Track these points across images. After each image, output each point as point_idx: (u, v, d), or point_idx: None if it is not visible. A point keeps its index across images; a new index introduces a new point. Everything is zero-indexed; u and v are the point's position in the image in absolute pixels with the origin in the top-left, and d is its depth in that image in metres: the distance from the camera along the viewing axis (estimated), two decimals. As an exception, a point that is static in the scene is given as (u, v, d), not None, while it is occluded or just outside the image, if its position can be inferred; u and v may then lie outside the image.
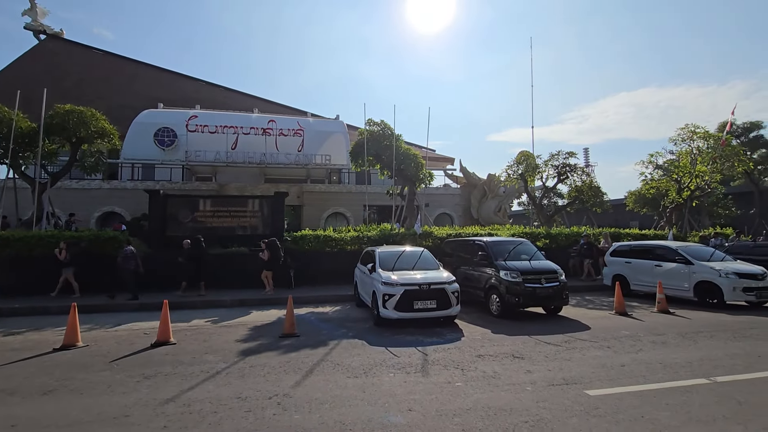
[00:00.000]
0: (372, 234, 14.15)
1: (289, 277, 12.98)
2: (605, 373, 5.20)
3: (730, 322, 8.30)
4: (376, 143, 16.75)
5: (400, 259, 8.96)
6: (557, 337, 7.15)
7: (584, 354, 6.10)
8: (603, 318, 8.89)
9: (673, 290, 10.74)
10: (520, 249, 9.90)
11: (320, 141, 24.73)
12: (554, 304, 9.16)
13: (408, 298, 7.87)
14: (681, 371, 5.23)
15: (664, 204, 20.73)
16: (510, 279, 8.85)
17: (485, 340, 7.09)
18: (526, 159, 19.66)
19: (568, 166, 19.20)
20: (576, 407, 4.18)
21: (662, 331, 7.47)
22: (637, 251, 12.37)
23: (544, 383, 4.89)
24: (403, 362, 5.81)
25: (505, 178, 21.14)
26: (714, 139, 19.90)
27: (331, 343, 6.94)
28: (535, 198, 21.04)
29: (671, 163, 21.52)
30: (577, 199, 20.00)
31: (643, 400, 4.34)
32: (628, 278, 12.11)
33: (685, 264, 10.76)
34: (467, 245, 11.12)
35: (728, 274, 9.85)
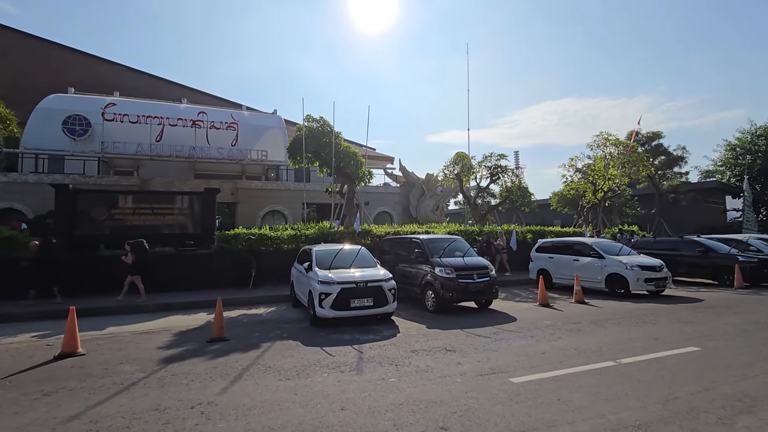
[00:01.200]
0: (310, 232, 13.87)
1: (250, 277, 12.42)
2: (528, 361, 5.54)
3: (634, 309, 9.28)
4: (315, 140, 16.43)
5: (337, 258, 8.86)
6: (487, 330, 7.50)
7: (510, 344, 6.46)
8: (528, 310, 9.50)
9: (589, 282, 11.79)
10: (454, 246, 10.26)
11: (256, 136, 23.75)
12: (485, 298, 9.62)
13: (345, 297, 7.82)
14: (592, 356, 5.73)
15: (582, 204, 22.72)
16: (445, 275, 9.14)
17: (420, 335, 7.25)
18: (462, 160, 20.47)
19: (500, 167, 20.31)
20: (501, 395, 4.40)
21: (578, 320, 8.15)
22: (559, 247, 13.41)
23: (473, 374, 5.09)
24: (337, 361, 5.74)
25: (443, 178, 21.87)
26: (623, 146, 22.17)
27: (264, 345, 6.67)
28: (469, 197, 21.99)
29: (588, 167, 23.63)
30: (508, 199, 21.23)
31: (559, 384, 4.68)
32: (550, 272, 13.09)
33: (598, 258, 11.85)
34: (405, 243, 11.30)
35: (633, 267, 11.01)
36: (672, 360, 5.51)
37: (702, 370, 5.05)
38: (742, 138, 32.89)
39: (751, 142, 32.16)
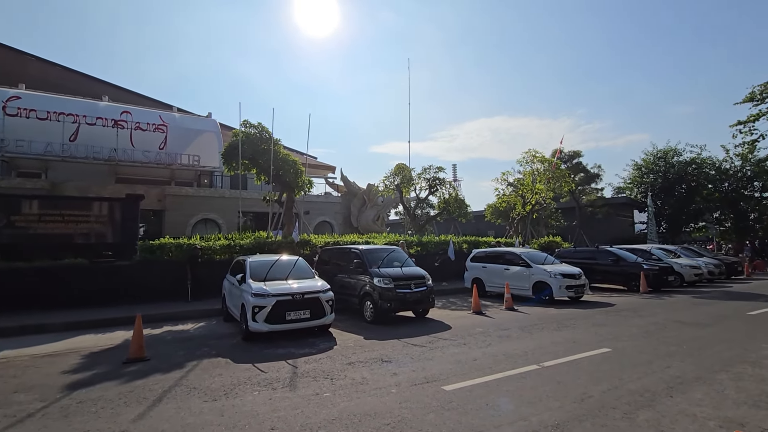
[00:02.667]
0: (245, 242, 13.29)
1: (186, 288, 11.53)
2: (460, 368, 5.71)
3: (557, 314, 9.99)
4: (252, 146, 15.87)
5: (273, 269, 8.56)
6: (423, 339, 7.64)
7: (444, 352, 6.63)
8: (462, 317, 9.85)
9: (518, 290, 12.51)
10: (392, 256, 10.38)
11: (188, 139, 22.39)
12: (422, 307, 9.82)
13: (280, 309, 7.55)
14: (519, 360, 6.06)
15: (513, 216, 24.19)
16: (383, 285, 9.20)
17: (357, 346, 7.20)
18: (402, 171, 20.91)
19: (438, 179, 21.04)
20: (434, 403, 4.48)
21: (508, 326, 8.60)
22: (491, 257, 14.12)
23: (407, 384, 5.14)
24: (270, 378, 5.50)
25: (384, 189, 22.17)
26: (548, 163, 24.04)
27: (189, 364, 6.22)
28: (409, 208, 22.47)
29: (518, 181, 25.28)
30: (445, 210, 22.00)
31: (489, 390, 4.87)
32: (484, 281, 13.71)
33: (526, 267, 12.64)
34: (344, 253, 11.23)
35: (556, 275, 11.89)
36: (587, 361, 5.99)
37: (612, 370, 5.54)
38: (646, 159, 37.15)
39: (653, 163, 36.44)
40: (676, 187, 34.81)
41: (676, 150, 36.19)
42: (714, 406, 4.25)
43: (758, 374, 5.25)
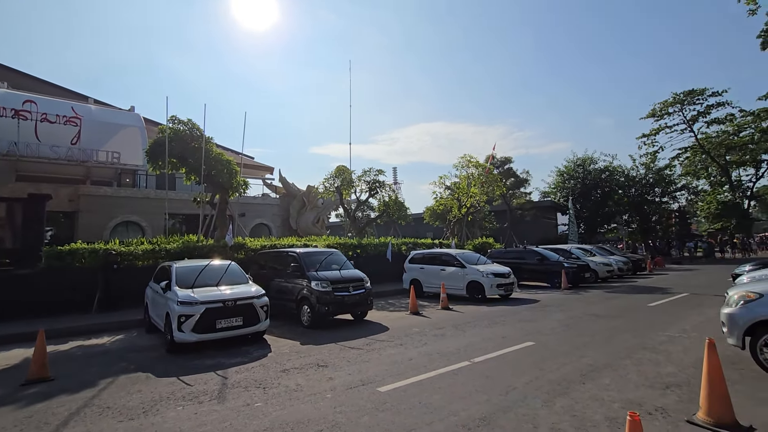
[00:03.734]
0: (173, 246, 12.40)
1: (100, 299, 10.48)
2: (396, 369, 5.79)
3: (488, 312, 10.52)
4: (181, 144, 14.87)
5: (202, 275, 8.08)
6: (360, 341, 7.64)
7: (381, 354, 6.68)
8: (400, 318, 10.01)
9: (453, 290, 12.99)
10: (331, 259, 10.28)
11: (106, 134, 20.39)
12: (361, 309, 9.82)
13: (210, 317, 7.14)
14: (452, 357, 6.28)
15: (449, 218, 25.11)
16: (321, 289, 9.07)
17: (293, 352, 7.02)
18: (342, 173, 20.83)
19: (378, 182, 21.23)
20: (368, 405, 4.49)
21: (442, 325, 8.89)
22: (429, 258, 14.53)
23: (343, 387, 5.10)
24: (196, 391, 5.17)
25: (323, 191, 21.91)
26: (482, 168, 25.30)
27: (103, 382, 5.66)
28: (349, 210, 22.42)
29: (454, 185, 26.31)
30: (385, 212, 22.26)
31: (422, 388, 4.99)
32: (421, 282, 14.06)
33: (460, 268, 13.17)
34: (281, 257, 10.92)
35: (488, 275, 12.52)
36: (514, 355, 6.37)
37: (534, 362, 5.94)
38: (567, 166, 40.54)
39: (574, 170, 39.86)
40: (592, 192, 38.36)
41: (592, 158, 39.93)
42: (618, 390, 4.72)
43: (655, 359, 5.93)
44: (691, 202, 41.69)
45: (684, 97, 37.02)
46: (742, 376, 5.01)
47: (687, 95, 36.92)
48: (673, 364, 5.65)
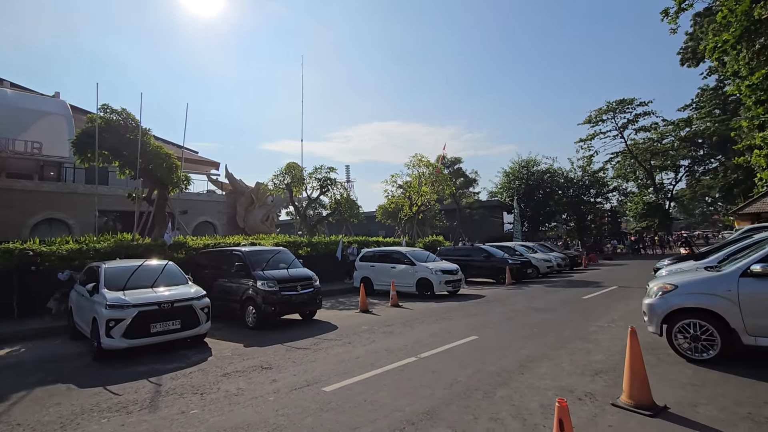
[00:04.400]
0: (103, 246, 11.44)
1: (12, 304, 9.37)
2: (342, 368, 5.73)
3: (436, 308, 10.74)
4: (115, 135, 13.76)
5: (135, 276, 7.51)
6: (307, 341, 7.49)
7: (328, 353, 6.58)
8: (350, 317, 9.94)
9: (404, 287, 13.12)
10: (278, 258, 9.99)
11: (25, 122, 18.38)
12: (309, 309, 9.63)
13: (143, 321, 6.66)
14: (399, 354, 6.32)
15: (401, 216, 25.40)
16: (267, 288, 8.78)
17: (235, 355, 6.72)
18: (293, 170, 20.35)
19: (330, 179, 20.99)
20: (312, 406, 4.39)
21: (391, 322, 8.94)
22: (380, 256, 14.57)
23: (287, 389, 4.96)
24: (125, 401, 4.79)
25: (273, 188, 21.29)
26: (433, 167, 25.83)
27: (14, 396, 5.08)
28: (300, 208, 21.97)
29: (406, 184, 26.64)
30: (337, 210, 22.07)
31: (368, 386, 4.97)
32: (372, 279, 14.07)
33: (411, 265, 13.34)
34: (225, 256, 10.45)
35: (437, 272, 12.79)
36: (459, 349, 6.53)
37: (478, 355, 6.13)
38: (513, 167, 42.48)
39: (518, 171, 41.85)
40: (535, 192, 40.51)
41: (535, 160, 42.16)
42: (553, 378, 4.98)
43: (586, 348, 6.34)
44: (621, 203, 45.35)
45: (616, 105, 40.15)
46: (659, 360, 5.48)
47: (618, 104, 40.07)
48: (602, 351, 6.07)
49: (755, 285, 4.94)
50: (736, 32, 19.36)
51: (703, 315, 5.25)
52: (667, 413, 3.88)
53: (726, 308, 5.07)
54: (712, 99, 36.98)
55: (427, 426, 3.83)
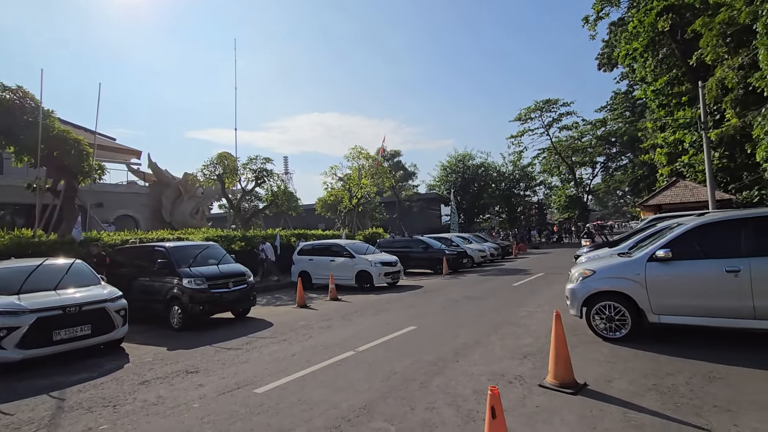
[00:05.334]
0: (-5, 244, 9.91)
1: None
2: (276, 367, 5.47)
3: (376, 300, 10.74)
4: (9, 117, 11.93)
5: (33, 277, 6.57)
6: (240, 341, 7.08)
7: (262, 352, 6.26)
8: (287, 313, 9.60)
9: (343, 280, 12.98)
10: (207, 253, 9.35)
11: None
12: (242, 306, 9.14)
13: (43, 328, 5.85)
14: (337, 348, 6.18)
15: (340, 209, 25.14)
16: (194, 287, 8.16)
17: (157, 360, 6.16)
18: (225, 160, 19.19)
19: (266, 171, 20.09)
20: (242, 410, 4.12)
21: (330, 316, 8.76)
22: (318, 249, 14.26)
23: (214, 394, 4.61)
24: (18, 421, 4.15)
25: (203, 179, 19.94)
26: (372, 160, 25.81)
27: None
28: (232, 200, 20.84)
29: (346, 176, 26.38)
30: (274, 203, 21.25)
31: (304, 384, 4.78)
32: (310, 273, 13.74)
33: (350, 258, 13.21)
34: (146, 253, 9.56)
35: (376, 264, 12.79)
36: (397, 340, 6.54)
37: (415, 345, 6.18)
38: (449, 161, 43.93)
39: (455, 165, 43.36)
40: (471, 186, 42.31)
41: (471, 155, 43.95)
42: (485, 363, 5.15)
43: (516, 332, 6.66)
44: (547, 196, 48.89)
45: (542, 105, 42.99)
46: (579, 340, 5.90)
47: (545, 104, 42.93)
48: (530, 335, 6.41)
49: (659, 268, 5.47)
50: (643, 41, 21.54)
51: (616, 297, 5.72)
52: (587, 390, 4.16)
53: (635, 290, 5.57)
54: (623, 102, 41.00)
55: (364, 421, 3.75)
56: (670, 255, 5.39)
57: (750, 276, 4.90)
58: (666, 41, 21.15)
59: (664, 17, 19.22)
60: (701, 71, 18.75)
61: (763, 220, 5.23)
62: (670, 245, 5.49)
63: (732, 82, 14.30)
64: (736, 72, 13.88)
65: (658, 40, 21.27)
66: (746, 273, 4.93)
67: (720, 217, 5.66)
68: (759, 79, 10.10)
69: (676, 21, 19.15)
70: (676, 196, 20.57)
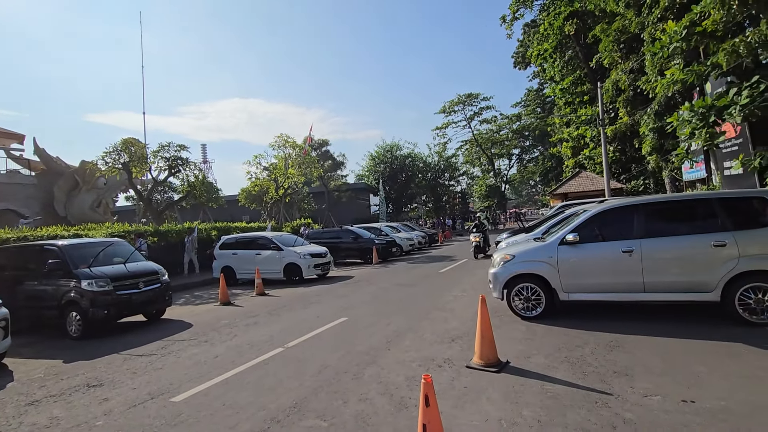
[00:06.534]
0: None
1: None
2: (197, 371, 5.05)
3: (305, 293, 10.47)
4: None
5: None
6: (153, 345, 6.44)
7: (180, 356, 5.75)
8: (208, 311, 8.96)
9: (270, 274, 12.47)
10: (112, 251, 8.33)
11: None
12: (156, 308, 8.33)
13: None
14: (264, 346, 5.88)
15: (266, 200, 24.10)
16: (96, 289, 7.23)
17: (50, 375, 5.36)
18: (131, 147, 17.27)
19: (181, 159, 18.47)
20: (157, 423, 3.73)
21: (256, 313, 8.35)
22: (243, 243, 13.51)
23: (123, 408, 4.12)
24: None
25: (106, 168, 17.75)
26: (299, 149, 25.04)
27: None
28: (141, 192, 18.91)
29: (272, 166, 25.30)
30: (191, 194, 19.67)
31: (228, 387, 4.46)
32: (234, 268, 12.99)
33: (277, 250, 12.71)
34: (33, 253, 8.25)
35: (305, 256, 12.46)
36: (328, 333, 6.41)
37: (347, 336, 6.11)
38: (378, 151, 44.25)
39: (383, 155, 43.80)
40: (398, 176, 43.07)
41: (398, 145, 44.68)
42: (416, 350, 5.25)
43: (444, 317, 6.90)
44: (469, 185, 51.65)
45: (465, 98, 45.06)
46: (501, 321, 6.28)
47: (467, 97, 45.05)
48: (457, 319, 6.68)
49: (569, 251, 5.99)
50: (552, 43, 23.41)
51: (533, 279, 6.17)
52: (509, 367, 4.42)
53: (549, 272, 6.05)
54: (535, 99, 44.52)
55: (295, 420, 3.60)
56: (578, 239, 5.93)
57: (641, 255, 5.57)
58: (571, 44, 23.24)
59: (570, 22, 21.07)
60: (599, 73, 20.95)
61: (650, 206, 5.97)
62: (577, 230, 6.04)
63: (624, 84, 16.15)
64: (627, 75, 15.70)
65: (565, 42, 23.30)
66: (638, 253, 5.58)
67: (616, 203, 6.33)
68: (645, 82, 11.52)
69: (580, 26, 21.09)
70: (579, 185, 22.92)
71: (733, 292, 5.17)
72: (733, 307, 5.18)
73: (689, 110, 8.61)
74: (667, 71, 9.49)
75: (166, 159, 17.83)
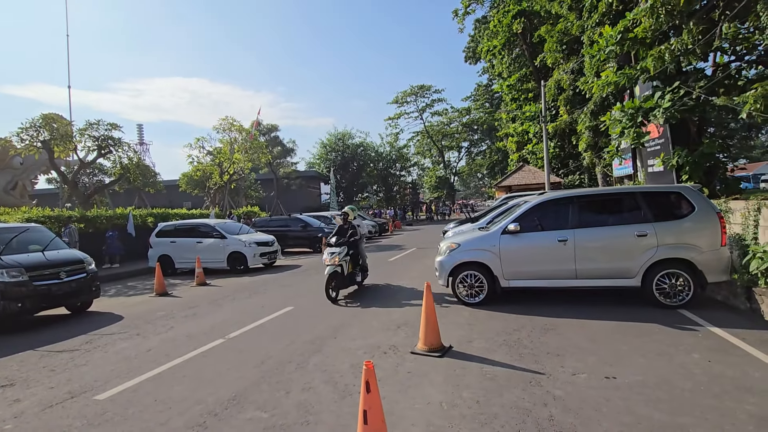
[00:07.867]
0: None
1: None
2: (126, 366, 4.70)
3: (250, 282, 10.11)
4: None
5: None
6: (77, 340, 5.91)
7: (107, 351, 5.32)
8: (141, 303, 8.38)
9: (213, 263, 11.89)
10: (27, 237, 7.49)
11: None
12: (81, 299, 7.64)
13: None
14: (203, 338, 5.60)
15: (209, 186, 22.90)
16: (7, 279, 6.48)
17: (-52, 377, 4.73)
18: (53, 123, 15.58)
19: (112, 139, 16.97)
20: (77, 423, 3.42)
21: (196, 303, 7.93)
22: (182, 230, 12.74)
23: (37, 409, 3.73)
24: None
25: (23, 146, 15.88)
26: (246, 133, 23.98)
27: None
28: (66, 173, 17.20)
29: (216, 150, 24.02)
30: (123, 178, 18.18)
31: (161, 382, 4.20)
32: (173, 257, 12.25)
33: (221, 239, 12.13)
34: (-73, 238, 7.21)
35: (250, 244, 12.01)
36: (272, 323, 6.23)
37: (292, 326, 5.98)
38: (329, 139, 43.58)
39: (335, 143, 43.22)
40: (350, 165, 42.76)
41: (350, 134, 44.27)
42: (363, 337, 5.25)
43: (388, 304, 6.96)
44: (420, 176, 52.46)
45: (417, 90, 45.46)
46: (446, 308, 6.45)
47: (419, 89, 45.49)
48: (404, 306, 6.77)
49: (510, 240, 6.25)
50: (501, 40, 24.13)
51: (476, 267, 6.39)
52: (452, 352, 4.55)
53: (491, 260, 6.28)
54: (484, 94, 45.91)
55: (234, 413, 3.45)
56: (519, 228, 6.20)
57: (574, 244, 5.94)
58: (519, 42, 24.12)
59: (518, 20, 21.82)
60: (543, 72, 21.97)
61: (583, 198, 6.36)
62: (518, 220, 6.31)
63: (565, 84, 17.06)
64: (568, 75, 16.59)
65: (513, 40, 24.13)
66: (571, 242, 5.95)
67: (553, 195, 6.69)
68: (583, 83, 12.25)
69: (527, 25, 21.91)
70: (522, 178, 24.07)
71: (652, 278, 5.68)
72: (651, 291, 5.70)
73: (620, 111, 9.28)
74: (602, 73, 10.14)
75: (94, 138, 16.28)
